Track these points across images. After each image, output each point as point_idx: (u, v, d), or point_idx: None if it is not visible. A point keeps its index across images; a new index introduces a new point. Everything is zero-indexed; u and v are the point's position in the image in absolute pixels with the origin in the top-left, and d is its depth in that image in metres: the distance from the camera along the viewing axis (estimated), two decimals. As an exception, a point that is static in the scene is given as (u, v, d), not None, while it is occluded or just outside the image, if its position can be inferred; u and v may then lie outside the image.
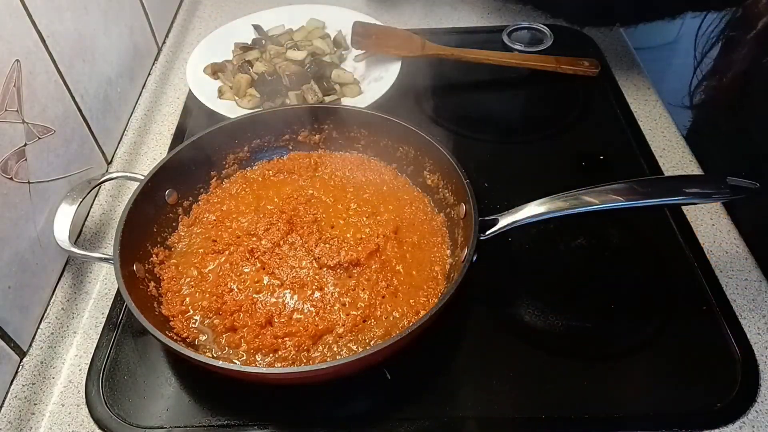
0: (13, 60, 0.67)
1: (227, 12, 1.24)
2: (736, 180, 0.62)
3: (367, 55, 1.03)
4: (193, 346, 0.66)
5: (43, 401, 0.66)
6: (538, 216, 0.65)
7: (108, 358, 0.68)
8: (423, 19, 1.19)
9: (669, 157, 0.89)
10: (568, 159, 0.90)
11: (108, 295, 0.75)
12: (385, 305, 0.69)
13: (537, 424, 0.62)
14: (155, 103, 1.03)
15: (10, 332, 0.65)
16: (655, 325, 0.69)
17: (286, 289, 0.70)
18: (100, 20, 0.89)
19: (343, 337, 0.66)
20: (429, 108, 0.99)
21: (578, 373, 0.65)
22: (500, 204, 0.80)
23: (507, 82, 1.05)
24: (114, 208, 0.86)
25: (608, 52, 1.08)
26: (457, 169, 0.72)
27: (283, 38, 1.05)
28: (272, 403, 0.64)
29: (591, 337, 0.70)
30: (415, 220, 0.78)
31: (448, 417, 0.63)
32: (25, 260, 0.68)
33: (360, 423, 0.63)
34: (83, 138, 0.82)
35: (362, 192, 0.81)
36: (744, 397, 0.63)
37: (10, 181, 0.66)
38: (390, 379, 0.65)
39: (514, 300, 0.73)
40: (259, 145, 0.85)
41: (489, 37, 1.13)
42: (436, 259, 0.73)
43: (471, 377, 0.66)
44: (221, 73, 1.00)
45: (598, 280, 0.75)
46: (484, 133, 0.93)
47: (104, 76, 0.89)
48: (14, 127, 0.67)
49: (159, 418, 0.63)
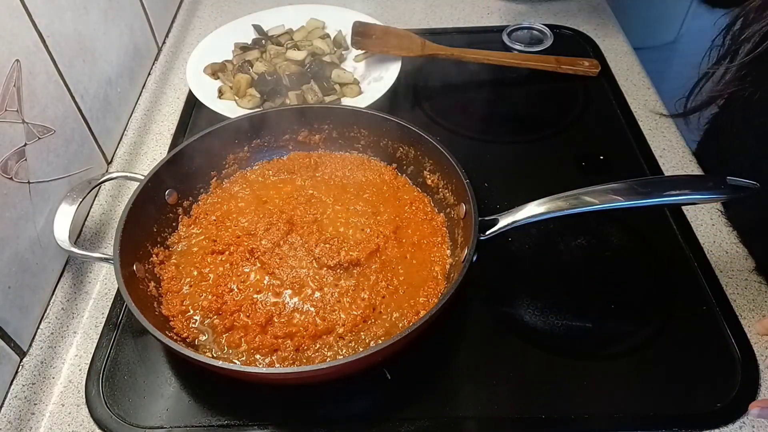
0: (13, 60, 0.67)
1: (227, 12, 1.24)
2: (736, 180, 0.62)
3: (367, 55, 1.03)
4: (193, 346, 0.66)
5: (43, 401, 0.66)
6: (538, 216, 0.65)
7: (108, 358, 0.68)
8: (423, 19, 1.19)
9: (669, 157, 0.89)
10: (568, 159, 0.90)
11: (108, 295, 0.75)
12: (385, 305, 0.69)
13: (537, 424, 0.62)
14: (155, 103, 1.03)
15: (10, 332, 0.65)
16: (655, 325, 0.69)
17: (287, 289, 0.70)
18: (100, 20, 0.89)
19: (343, 337, 0.66)
20: (429, 108, 0.99)
21: (578, 373, 0.65)
22: (500, 204, 0.80)
23: (507, 82, 1.05)
24: (114, 208, 0.86)
25: (608, 52, 1.08)
26: (457, 169, 0.72)
27: (283, 38, 1.05)
28: (272, 403, 0.64)
29: (591, 337, 0.69)
30: (415, 220, 0.78)
31: (448, 417, 0.63)
32: (25, 260, 0.68)
33: (360, 423, 0.63)
34: (83, 138, 0.82)
35: (362, 192, 0.81)
36: (744, 397, 0.63)
37: (10, 181, 0.66)
38: (390, 379, 0.65)
39: (514, 300, 0.73)
40: (259, 145, 0.85)
41: (489, 37, 1.13)
42: (436, 259, 0.73)
43: (471, 377, 0.66)
44: (221, 73, 1.00)
45: (598, 280, 0.75)
46: (484, 133, 0.93)
47: (104, 76, 0.89)
48: (14, 127, 0.67)
49: (159, 418, 0.63)
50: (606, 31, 1.13)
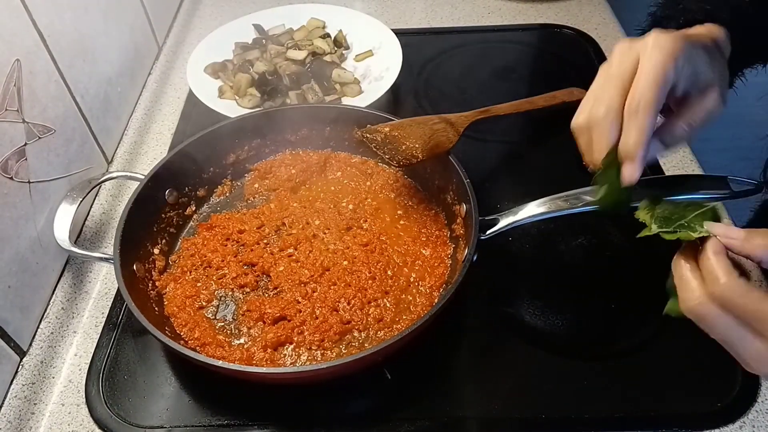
0: (14, 60, 0.67)
1: (227, 12, 1.24)
2: (736, 180, 0.62)
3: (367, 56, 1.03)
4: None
5: (43, 401, 0.66)
6: (538, 216, 0.65)
7: (108, 358, 0.68)
8: (423, 18, 1.19)
9: (669, 157, 0.89)
10: (568, 159, 0.90)
11: (108, 295, 0.75)
12: (384, 305, 0.69)
13: (537, 424, 0.62)
14: (155, 102, 1.03)
15: (10, 332, 0.65)
16: (655, 325, 0.69)
17: (286, 290, 0.70)
18: (101, 20, 0.89)
19: (343, 337, 0.66)
20: (429, 107, 0.99)
21: (578, 373, 0.65)
22: (500, 204, 0.80)
23: (507, 82, 1.04)
24: (114, 208, 0.85)
25: (609, 52, 1.08)
26: (457, 169, 0.72)
27: (284, 38, 1.05)
28: (272, 403, 0.64)
29: (591, 337, 0.69)
30: (415, 220, 0.78)
31: (448, 417, 0.63)
32: (25, 260, 0.68)
33: (360, 423, 0.63)
34: (83, 138, 0.82)
35: (362, 192, 0.81)
36: (744, 397, 0.63)
37: (10, 181, 0.65)
38: (390, 379, 0.65)
39: (514, 300, 0.73)
40: (259, 145, 0.85)
41: (489, 36, 1.13)
42: (437, 259, 0.73)
43: (471, 377, 0.66)
44: (221, 72, 1.00)
45: (598, 280, 0.75)
46: (484, 133, 0.93)
47: (104, 75, 0.89)
48: (14, 127, 0.67)
49: (159, 418, 0.63)
50: (606, 31, 1.13)
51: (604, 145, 0.53)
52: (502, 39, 1.12)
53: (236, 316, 0.69)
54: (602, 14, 1.18)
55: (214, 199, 0.82)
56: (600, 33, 1.13)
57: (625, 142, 0.51)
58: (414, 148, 0.72)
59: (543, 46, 1.12)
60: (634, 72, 0.51)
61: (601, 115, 0.52)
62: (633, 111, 0.50)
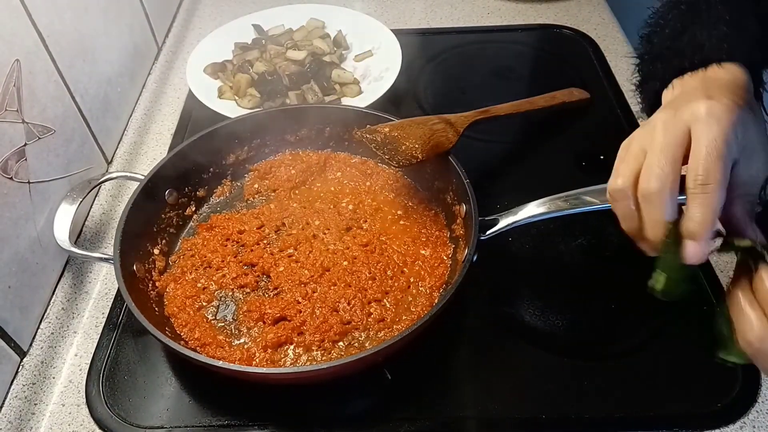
0: (13, 60, 0.67)
1: (227, 12, 1.24)
2: None
3: (367, 56, 1.03)
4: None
5: (43, 401, 0.66)
6: (538, 216, 0.65)
7: (108, 358, 0.68)
8: (423, 19, 1.19)
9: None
10: (568, 159, 0.90)
11: (108, 295, 0.75)
12: (384, 305, 0.69)
13: (537, 424, 0.62)
14: (155, 103, 1.03)
15: (10, 332, 0.65)
16: (655, 325, 0.69)
17: (286, 290, 0.70)
18: (100, 20, 0.89)
19: (343, 337, 0.66)
20: (429, 108, 0.99)
21: (578, 373, 0.65)
22: (500, 204, 0.79)
23: (507, 82, 1.04)
24: (114, 208, 0.85)
25: (608, 52, 1.08)
26: (457, 169, 0.72)
27: (283, 38, 1.05)
28: (272, 403, 0.64)
29: (591, 337, 0.70)
30: (415, 220, 0.78)
31: (448, 417, 0.63)
32: (25, 260, 0.67)
33: (360, 423, 0.63)
34: (83, 138, 0.82)
35: (362, 193, 0.81)
36: (744, 397, 0.63)
37: (10, 181, 0.65)
38: (390, 379, 0.65)
39: (514, 300, 0.73)
40: (259, 145, 0.85)
41: (489, 37, 1.13)
42: (437, 260, 0.73)
43: (471, 377, 0.66)
44: (221, 72, 1.00)
45: (598, 280, 0.75)
46: (484, 133, 0.93)
47: (104, 75, 0.89)
48: (14, 127, 0.67)
49: (159, 418, 0.63)
50: (606, 31, 1.13)
51: (661, 223, 0.49)
52: (502, 39, 1.12)
53: (236, 317, 0.69)
54: (602, 14, 1.18)
55: (214, 200, 0.82)
56: (599, 33, 1.13)
57: (691, 220, 0.46)
58: (414, 149, 0.72)
59: (543, 47, 1.12)
60: (685, 145, 0.47)
61: (654, 189, 0.48)
62: (699, 187, 0.46)
